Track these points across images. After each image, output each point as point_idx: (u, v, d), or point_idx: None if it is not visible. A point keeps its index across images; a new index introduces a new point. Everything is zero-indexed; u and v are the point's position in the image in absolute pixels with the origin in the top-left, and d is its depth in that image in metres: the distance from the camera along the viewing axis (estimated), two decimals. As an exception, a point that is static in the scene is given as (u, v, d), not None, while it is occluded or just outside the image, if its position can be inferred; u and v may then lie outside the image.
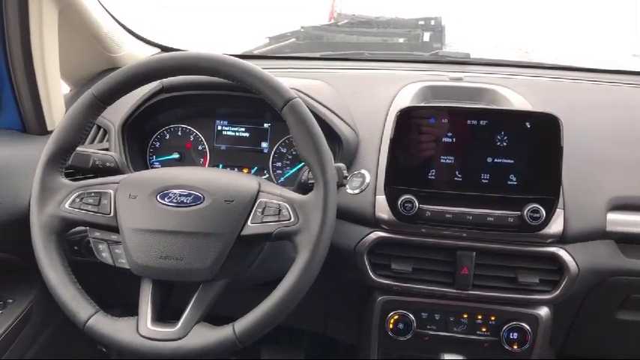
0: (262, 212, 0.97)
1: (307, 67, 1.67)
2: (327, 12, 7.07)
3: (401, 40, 5.10)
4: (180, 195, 0.99)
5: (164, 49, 1.70)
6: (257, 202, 0.98)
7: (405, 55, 2.08)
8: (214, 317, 0.99)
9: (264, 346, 1.77)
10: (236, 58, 0.99)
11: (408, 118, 1.10)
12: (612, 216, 1.15)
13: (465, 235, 1.13)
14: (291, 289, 0.92)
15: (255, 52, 4.47)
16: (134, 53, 1.61)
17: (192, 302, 0.97)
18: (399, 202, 1.10)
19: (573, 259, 1.11)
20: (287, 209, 0.97)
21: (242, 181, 1.02)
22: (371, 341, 1.23)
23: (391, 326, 1.19)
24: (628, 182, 1.19)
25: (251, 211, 0.97)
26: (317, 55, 1.83)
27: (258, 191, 1.00)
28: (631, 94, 1.48)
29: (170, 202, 0.99)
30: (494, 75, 1.52)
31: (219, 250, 0.96)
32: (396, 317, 1.19)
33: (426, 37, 5.37)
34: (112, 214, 1.00)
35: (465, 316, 1.19)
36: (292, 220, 0.96)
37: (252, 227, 0.97)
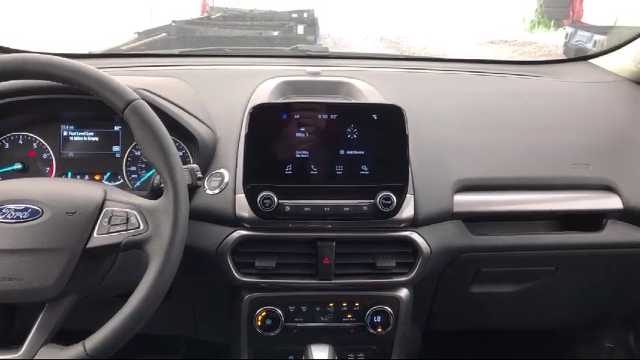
0: (109, 222, 0.93)
1: (165, 64, 1.61)
2: (199, 5, 6.93)
3: (275, 33, 5.12)
4: (16, 210, 0.92)
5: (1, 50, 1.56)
6: (103, 212, 0.94)
7: (266, 50, 2.09)
8: (78, 333, 0.93)
9: (139, 353, 1.70)
10: (68, 59, 0.93)
11: (260, 115, 1.10)
12: (458, 197, 1.23)
13: (329, 226, 1.16)
14: (143, 300, 0.89)
15: (124, 49, 4.27)
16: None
17: (37, 323, 0.91)
18: (258, 199, 1.10)
19: (425, 240, 1.17)
20: (135, 217, 0.93)
21: (85, 190, 0.97)
22: (240, 340, 1.22)
23: (259, 323, 1.19)
24: (471, 165, 1.27)
25: (96, 222, 0.93)
26: (176, 51, 1.78)
27: (104, 200, 0.95)
28: (480, 82, 1.59)
29: (4, 218, 0.91)
30: (351, 68, 1.57)
31: (63, 266, 0.90)
32: (264, 314, 1.19)
33: (300, 29, 5.44)
34: None
35: (331, 304, 1.21)
36: (141, 227, 0.92)
37: (98, 239, 0.92)
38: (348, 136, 1.11)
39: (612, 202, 1.28)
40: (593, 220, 1.30)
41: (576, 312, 1.53)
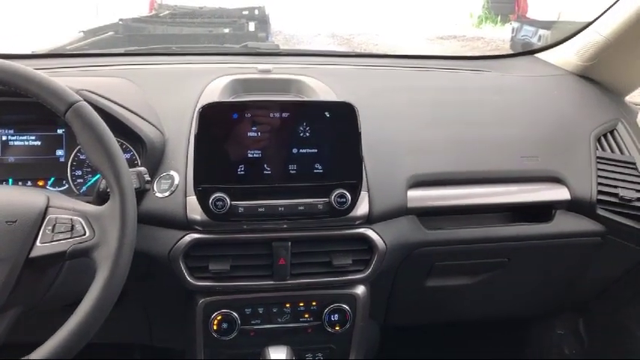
0: (52, 230, 0.89)
1: (110, 64, 1.56)
2: (147, 3, 6.76)
3: (226, 31, 5.05)
4: None
5: None
6: (46, 219, 0.90)
7: (215, 47, 2.05)
8: (24, 346, 0.87)
9: None
10: (4, 60, 0.89)
11: (210, 115, 1.07)
12: (412, 193, 1.24)
13: (285, 226, 1.14)
14: (92, 310, 0.85)
15: (69, 48, 4.13)
16: None
17: None
18: (210, 201, 1.07)
19: (380, 237, 1.17)
20: (81, 223, 0.90)
21: (27, 197, 0.92)
22: (196, 345, 1.19)
23: (215, 327, 1.17)
24: (423, 160, 1.28)
25: (39, 230, 0.89)
26: (122, 50, 1.72)
27: (47, 207, 0.91)
28: (430, 78, 1.60)
29: None
30: (302, 65, 1.55)
31: (5, 278, 0.86)
32: (219, 317, 1.16)
33: (252, 26, 5.39)
34: None
35: (288, 305, 1.20)
36: (87, 234, 0.89)
37: (41, 248, 0.88)
38: (301, 134, 1.10)
39: (560, 193, 1.31)
40: (542, 211, 1.33)
41: (530, 301, 1.57)
